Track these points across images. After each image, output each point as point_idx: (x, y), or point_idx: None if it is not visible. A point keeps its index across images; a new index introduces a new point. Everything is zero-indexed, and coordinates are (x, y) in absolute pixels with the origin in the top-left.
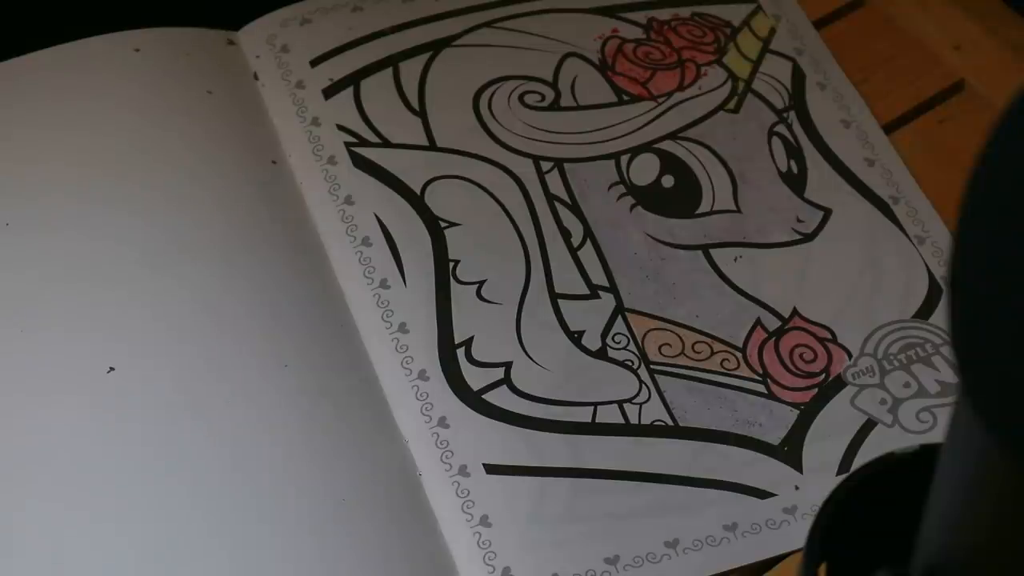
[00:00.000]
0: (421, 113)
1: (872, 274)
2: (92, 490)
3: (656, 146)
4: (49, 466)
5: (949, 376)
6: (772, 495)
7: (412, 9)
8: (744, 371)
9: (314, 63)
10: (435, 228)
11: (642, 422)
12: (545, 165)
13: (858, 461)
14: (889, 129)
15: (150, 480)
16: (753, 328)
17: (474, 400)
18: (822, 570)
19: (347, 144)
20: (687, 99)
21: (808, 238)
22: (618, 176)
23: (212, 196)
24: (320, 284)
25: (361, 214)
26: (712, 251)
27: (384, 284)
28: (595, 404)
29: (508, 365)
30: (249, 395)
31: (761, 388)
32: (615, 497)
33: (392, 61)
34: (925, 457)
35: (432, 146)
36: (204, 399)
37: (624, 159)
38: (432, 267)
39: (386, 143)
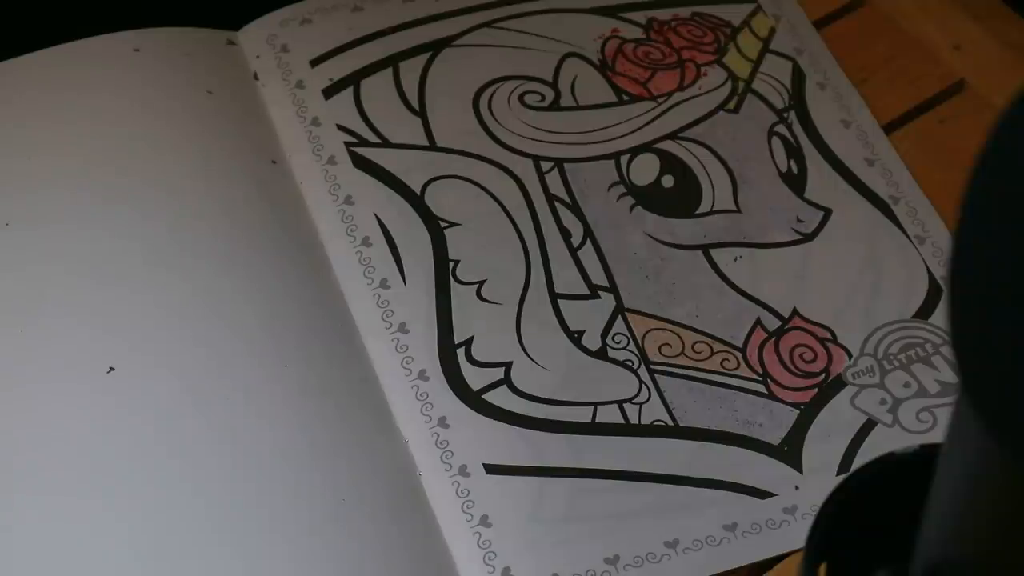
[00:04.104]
0: (421, 113)
1: (872, 274)
2: (93, 489)
3: (656, 146)
4: (50, 465)
5: (949, 376)
6: (772, 495)
7: (412, 9)
8: (744, 371)
9: (314, 63)
10: (435, 228)
11: (642, 422)
12: (545, 165)
13: (858, 461)
14: (889, 129)
15: (150, 480)
16: (753, 328)
17: (474, 400)
18: (822, 570)
19: (347, 144)
20: (687, 99)
21: (808, 238)
22: (618, 176)
23: (212, 196)
24: (320, 284)
25: (361, 214)
26: (712, 251)
27: (384, 284)
28: (595, 404)
29: (508, 365)
30: (249, 395)
31: (761, 388)
32: (615, 497)
33: (392, 61)
34: (925, 457)
35: (432, 146)
36: (204, 398)
37: (624, 159)
38: (432, 267)
39: (386, 143)
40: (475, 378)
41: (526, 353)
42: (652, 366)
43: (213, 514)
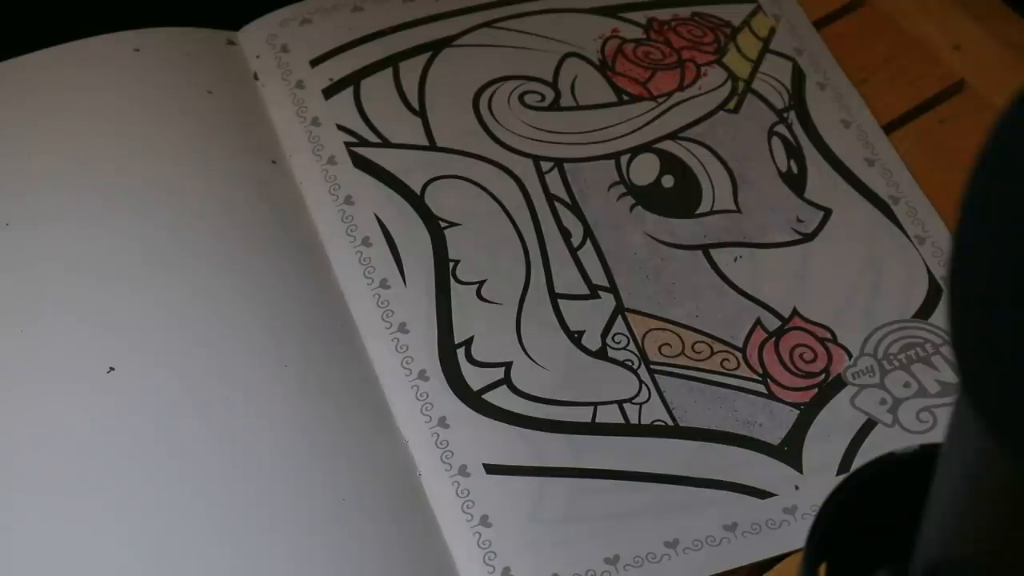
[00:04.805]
0: (421, 113)
1: (872, 274)
2: (93, 489)
3: (656, 146)
4: (50, 465)
5: (949, 376)
6: (772, 495)
7: (412, 9)
8: (744, 371)
9: (314, 63)
10: (435, 228)
11: (642, 422)
12: (545, 165)
13: (858, 461)
14: (889, 129)
15: (150, 480)
16: (753, 328)
17: (474, 400)
18: (822, 570)
19: (347, 144)
20: (687, 99)
21: (808, 238)
22: (618, 176)
23: (212, 196)
24: (320, 284)
25: (361, 214)
26: (712, 251)
27: (384, 284)
28: (595, 404)
29: (508, 365)
30: (249, 395)
31: (761, 388)
32: (615, 497)
33: (392, 61)
34: (925, 457)
35: (432, 146)
36: (204, 398)
37: (624, 159)
38: (432, 267)
39: (386, 143)
40: (475, 378)
41: (526, 353)
42: (652, 366)
43: (213, 514)
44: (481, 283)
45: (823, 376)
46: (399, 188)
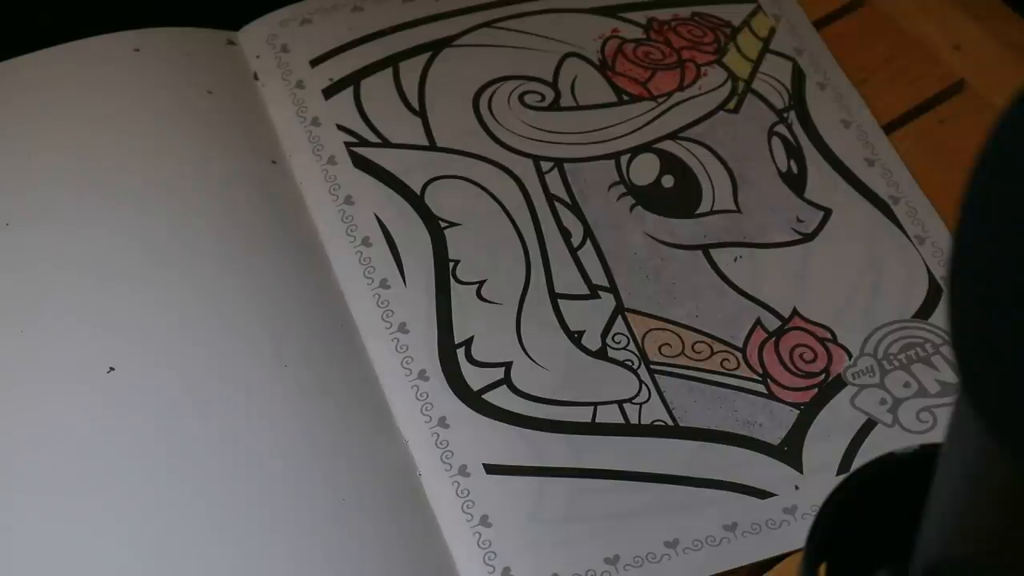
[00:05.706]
0: (421, 113)
1: (872, 274)
2: (93, 489)
3: (656, 146)
4: (50, 465)
5: (949, 376)
6: (772, 495)
7: (412, 9)
8: (744, 371)
9: (314, 63)
10: (435, 228)
11: (642, 422)
12: (545, 165)
13: (858, 461)
14: (889, 129)
15: (150, 480)
16: (753, 328)
17: (474, 400)
18: (822, 570)
19: (347, 144)
20: (687, 99)
21: (808, 238)
22: (618, 176)
23: (212, 196)
24: (320, 284)
25: (361, 214)
26: (712, 251)
27: (384, 284)
28: (595, 404)
29: (508, 365)
30: (249, 395)
31: (761, 388)
32: (615, 497)
33: (392, 61)
34: (925, 457)
35: (432, 146)
36: (204, 398)
37: (624, 159)
38: (432, 267)
39: (386, 143)
40: (475, 378)
41: (526, 353)
42: (652, 366)
43: (213, 514)
44: (481, 283)
45: (823, 376)
46: (399, 188)
